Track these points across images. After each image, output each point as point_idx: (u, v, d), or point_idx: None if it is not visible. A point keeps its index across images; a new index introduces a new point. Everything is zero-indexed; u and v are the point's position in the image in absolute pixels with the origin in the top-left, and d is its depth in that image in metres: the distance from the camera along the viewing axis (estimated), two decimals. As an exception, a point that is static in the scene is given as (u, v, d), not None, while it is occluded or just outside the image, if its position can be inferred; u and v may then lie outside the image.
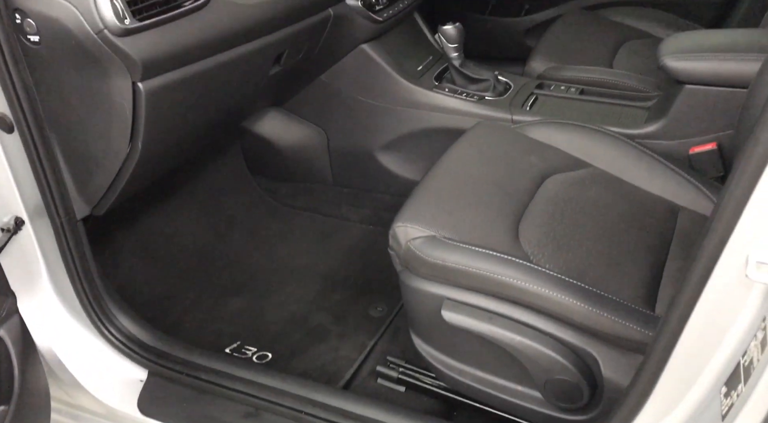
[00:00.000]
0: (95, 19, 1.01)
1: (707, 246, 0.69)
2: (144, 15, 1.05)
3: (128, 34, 1.03)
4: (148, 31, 1.06)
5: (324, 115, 1.79)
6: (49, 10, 1.02)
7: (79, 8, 1.00)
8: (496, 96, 1.65)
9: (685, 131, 1.43)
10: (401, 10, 1.69)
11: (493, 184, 1.28)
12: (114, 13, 1.01)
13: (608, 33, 1.94)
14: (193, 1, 1.12)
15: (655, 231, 1.25)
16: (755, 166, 0.63)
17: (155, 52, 1.08)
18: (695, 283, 0.72)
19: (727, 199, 0.68)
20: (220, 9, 1.17)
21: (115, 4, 1.01)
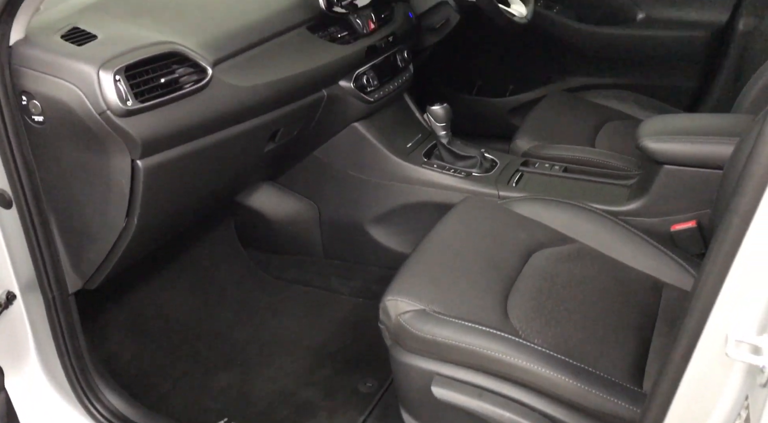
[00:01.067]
0: (99, 101, 1.05)
1: (688, 324, 0.72)
2: (146, 97, 1.10)
3: (130, 115, 1.08)
4: (149, 111, 1.10)
5: (316, 189, 1.83)
6: (54, 92, 1.07)
7: (83, 90, 1.05)
8: (482, 172, 1.71)
9: (666, 209, 1.48)
10: (391, 91, 1.76)
11: (482, 259, 1.31)
12: (117, 95, 1.05)
13: (590, 114, 2.02)
14: (193, 84, 1.18)
15: (640, 307, 1.27)
16: (729, 246, 0.66)
17: (155, 132, 1.12)
18: (678, 361, 0.74)
19: (705, 278, 0.70)
20: (218, 90, 1.23)
21: (119, 86, 1.06)
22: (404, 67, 1.84)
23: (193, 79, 1.18)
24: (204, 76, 1.19)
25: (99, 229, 1.21)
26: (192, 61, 1.18)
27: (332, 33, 1.59)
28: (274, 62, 1.39)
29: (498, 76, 2.48)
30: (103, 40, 1.11)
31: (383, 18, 1.75)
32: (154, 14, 1.27)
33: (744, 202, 0.65)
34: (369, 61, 1.68)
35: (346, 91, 1.63)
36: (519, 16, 1.88)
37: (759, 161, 0.65)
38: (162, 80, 1.12)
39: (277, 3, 1.49)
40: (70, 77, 1.06)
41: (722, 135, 1.38)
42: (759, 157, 0.65)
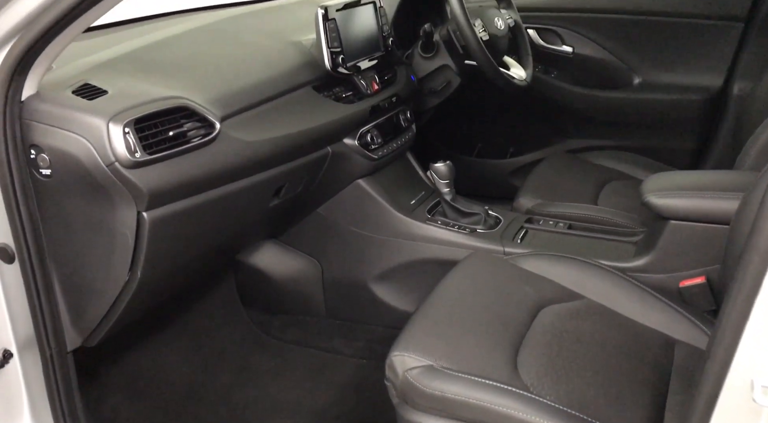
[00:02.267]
0: (108, 153, 1.06)
1: (710, 370, 0.69)
2: (154, 149, 1.10)
3: (138, 166, 1.08)
4: (157, 163, 1.11)
5: (319, 247, 1.82)
6: (64, 145, 1.07)
7: (93, 142, 1.06)
8: (487, 229, 1.70)
9: (674, 265, 1.47)
10: (395, 149, 1.78)
11: (490, 314, 1.29)
12: (126, 147, 1.06)
13: (591, 174, 2.04)
14: (201, 137, 1.19)
15: (652, 364, 1.24)
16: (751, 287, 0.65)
17: (162, 184, 1.12)
18: (702, 410, 0.71)
19: (725, 321, 0.69)
20: (225, 144, 1.24)
21: (128, 139, 1.06)
22: (407, 126, 1.87)
23: (201, 134, 1.19)
24: (212, 131, 1.20)
25: (102, 284, 1.19)
26: (200, 116, 1.19)
27: (337, 93, 1.63)
28: (280, 119, 1.41)
29: (498, 138, 2.52)
30: (113, 95, 1.13)
31: (386, 80, 1.79)
32: (163, 71, 1.29)
33: (763, 240, 0.64)
34: (373, 120, 1.71)
35: (351, 149, 1.64)
36: (519, 79, 1.92)
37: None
38: (171, 133, 1.13)
39: (283, 63, 1.52)
40: (80, 130, 1.07)
41: (727, 190, 1.38)
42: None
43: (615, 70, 2.30)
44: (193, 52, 1.42)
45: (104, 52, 1.29)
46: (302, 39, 1.65)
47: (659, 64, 2.25)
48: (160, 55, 1.36)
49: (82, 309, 1.21)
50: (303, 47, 1.62)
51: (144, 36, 1.44)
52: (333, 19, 1.58)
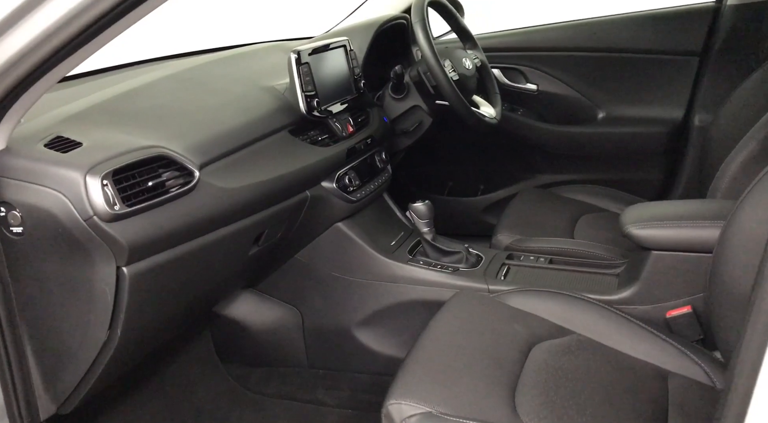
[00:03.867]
0: (85, 206, 1.01)
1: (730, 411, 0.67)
2: (133, 201, 1.06)
3: (117, 220, 1.03)
4: (137, 216, 1.06)
5: (298, 294, 1.78)
6: (37, 201, 1.02)
7: (69, 197, 1.01)
8: (469, 267, 1.69)
9: (659, 295, 1.47)
10: (372, 191, 1.77)
11: (483, 355, 1.27)
12: (105, 199, 1.01)
13: (565, 208, 2.06)
14: (180, 187, 1.15)
15: (649, 398, 1.23)
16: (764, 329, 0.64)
17: (142, 236, 1.07)
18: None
19: (743, 359, 0.67)
20: (205, 193, 1.20)
21: (106, 191, 1.02)
22: (383, 167, 1.86)
23: (180, 183, 1.15)
24: (191, 179, 1.17)
25: (78, 346, 1.12)
26: (179, 165, 1.16)
27: (313, 136, 1.61)
28: (258, 165, 1.38)
29: (468, 176, 2.53)
30: (88, 146, 1.08)
31: (360, 122, 1.79)
32: (137, 121, 1.26)
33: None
34: (350, 162, 1.69)
35: (329, 192, 1.62)
36: (489, 117, 1.94)
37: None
38: (150, 184, 1.09)
39: (258, 108, 1.50)
40: (55, 184, 1.02)
41: (706, 219, 1.40)
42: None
43: (579, 106, 2.36)
44: (166, 100, 1.39)
45: (74, 104, 1.25)
46: (275, 84, 1.64)
47: (621, 99, 2.31)
48: (132, 104, 1.33)
49: (56, 374, 1.14)
50: (276, 92, 1.60)
51: (113, 86, 1.40)
52: (306, 63, 1.57)
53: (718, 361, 1.35)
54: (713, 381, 1.30)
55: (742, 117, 1.90)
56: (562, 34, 2.36)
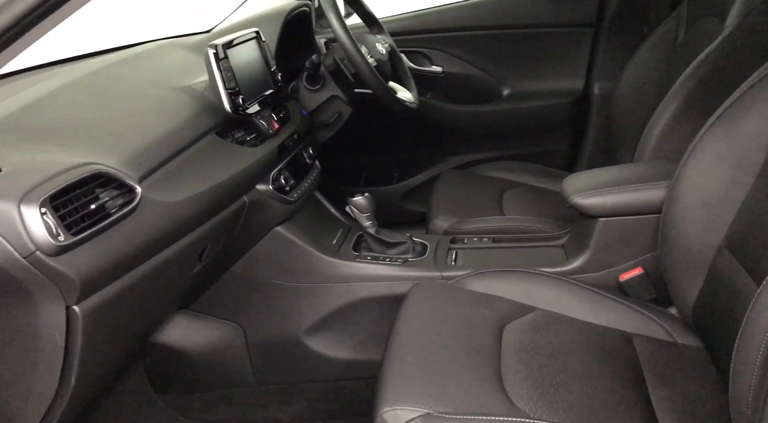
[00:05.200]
0: (25, 242, 0.84)
1: None
2: (77, 228, 0.91)
3: (63, 252, 0.88)
4: (84, 245, 0.91)
5: (238, 309, 1.65)
6: None
7: (3, 233, 0.84)
8: (417, 256, 1.65)
9: (610, 261, 1.51)
10: (308, 189, 1.67)
11: (460, 344, 1.24)
12: (47, 230, 0.85)
13: (488, 186, 2.07)
14: (120, 207, 1.00)
15: (623, 363, 1.26)
16: None
17: (93, 268, 0.92)
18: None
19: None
20: (149, 211, 1.06)
21: (47, 220, 0.86)
22: (312, 163, 1.77)
23: (120, 202, 1.01)
24: (133, 196, 1.02)
25: (21, 404, 0.95)
26: (118, 182, 1.01)
27: (240, 137, 1.49)
28: (194, 173, 1.25)
29: (382, 164, 2.49)
30: (10, 172, 0.91)
31: (281, 117, 1.68)
32: (53, 137, 1.08)
33: None
34: (282, 159, 1.59)
35: (266, 195, 1.51)
36: (409, 102, 1.90)
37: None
38: (92, 207, 0.94)
39: (181, 111, 1.36)
40: (-20, 221, 0.84)
41: (648, 181, 1.45)
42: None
43: (485, 84, 2.38)
44: (77, 112, 1.21)
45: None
46: (191, 83, 1.50)
47: (524, 74, 2.36)
48: (39, 119, 1.14)
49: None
50: (195, 92, 1.46)
51: (6, 100, 1.20)
52: (225, 58, 1.44)
53: (675, 317, 1.41)
54: (673, 336, 1.35)
55: (641, 82, 1.99)
56: (458, 14, 2.37)
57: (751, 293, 1.08)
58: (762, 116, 1.20)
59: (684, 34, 1.88)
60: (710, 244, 1.25)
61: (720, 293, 1.20)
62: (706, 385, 1.22)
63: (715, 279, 1.24)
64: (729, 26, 1.55)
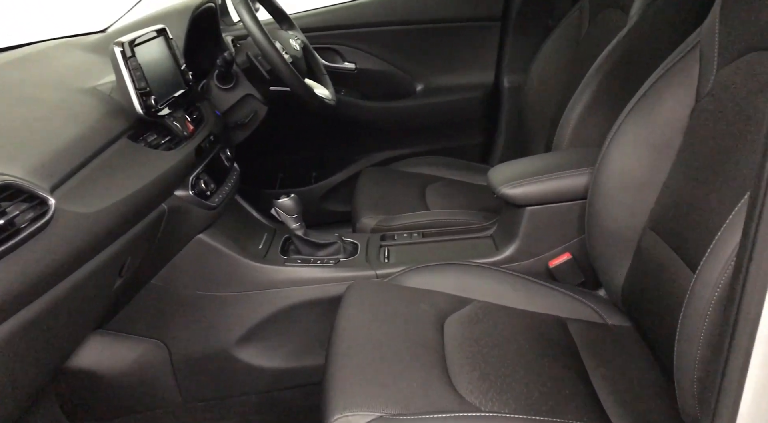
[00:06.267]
0: None
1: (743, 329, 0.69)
2: (-15, 248, 0.80)
3: (-30, 276, 0.77)
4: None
5: (160, 325, 1.54)
6: None
7: None
8: (348, 256, 1.61)
9: (539, 248, 1.53)
10: (228, 192, 1.59)
11: (403, 342, 1.22)
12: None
13: (410, 181, 2.06)
14: (31, 222, 0.90)
15: (561, 347, 1.28)
16: None
17: (6, 291, 0.82)
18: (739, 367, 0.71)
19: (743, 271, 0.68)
20: (64, 223, 0.96)
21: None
22: (231, 166, 1.68)
23: (31, 217, 0.90)
24: (44, 209, 0.92)
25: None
26: (27, 193, 0.90)
27: (153, 140, 1.39)
28: (109, 181, 1.14)
29: (299, 165, 2.43)
30: None
31: (195, 118, 1.58)
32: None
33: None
34: (200, 163, 1.50)
35: (186, 201, 1.41)
36: (327, 98, 1.85)
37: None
38: (1, 222, 0.83)
39: (88, 115, 1.25)
40: None
41: (571, 168, 1.48)
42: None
43: (398, 80, 2.37)
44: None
45: None
46: (95, 85, 1.38)
47: (436, 69, 2.37)
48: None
49: None
50: (101, 94, 1.35)
51: None
52: (133, 56, 1.34)
53: (604, 299, 1.45)
54: (603, 318, 1.39)
55: (548, 75, 2.05)
56: (368, 10, 2.34)
57: (679, 271, 1.12)
58: (677, 101, 1.25)
59: (588, 25, 1.95)
60: (635, 226, 1.29)
61: (648, 273, 1.25)
62: (637, 362, 1.27)
63: (642, 259, 1.28)
64: (634, 16, 1.61)
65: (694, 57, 1.24)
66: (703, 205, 1.09)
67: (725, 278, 0.88)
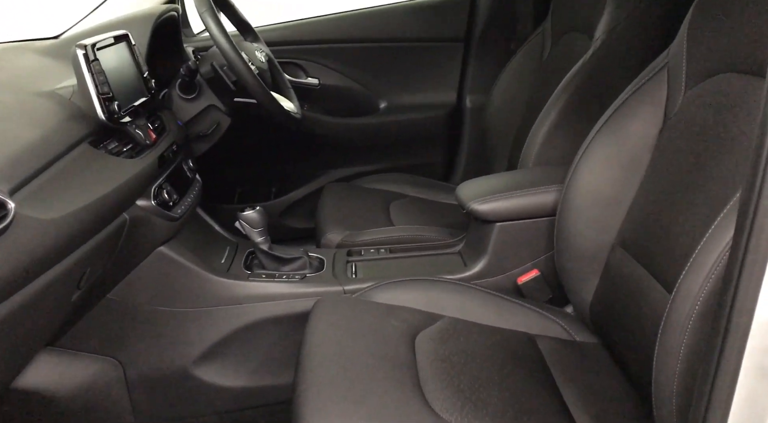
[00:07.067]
0: None
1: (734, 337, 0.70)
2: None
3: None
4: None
5: (115, 342, 1.46)
6: None
7: None
8: (314, 272, 1.57)
9: (507, 265, 1.53)
10: (191, 203, 1.53)
11: (375, 358, 1.19)
12: None
13: (374, 198, 2.04)
14: (-11, 226, 0.84)
15: (532, 364, 1.28)
16: None
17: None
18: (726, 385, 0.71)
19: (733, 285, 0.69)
20: (24, 229, 0.90)
21: None
22: (193, 177, 1.63)
23: (-12, 220, 0.84)
24: (4, 213, 0.86)
25: None
26: (-15, 195, 0.84)
27: (114, 148, 1.33)
28: (71, 187, 1.09)
29: (259, 180, 2.38)
30: None
31: (157, 127, 1.53)
32: None
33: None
34: (163, 172, 1.44)
35: (148, 211, 1.35)
36: (293, 111, 1.82)
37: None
38: (-43, 225, 0.77)
39: (48, 119, 1.19)
40: None
41: (540, 185, 1.49)
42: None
43: (362, 97, 2.36)
44: None
45: None
46: (54, 88, 1.32)
47: (400, 87, 2.38)
48: None
49: None
50: (60, 98, 1.29)
51: None
52: (96, 60, 1.29)
53: (571, 316, 1.45)
54: (572, 335, 1.40)
55: (511, 95, 2.08)
56: (334, 26, 2.34)
57: (650, 286, 1.13)
58: (645, 120, 1.28)
59: (550, 48, 1.99)
60: (604, 242, 1.31)
61: (617, 289, 1.26)
62: (606, 377, 1.27)
63: (611, 276, 1.29)
64: (598, 39, 1.65)
65: (662, 78, 1.27)
66: (673, 222, 1.11)
67: (705, 292, 0.89)
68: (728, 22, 1.09)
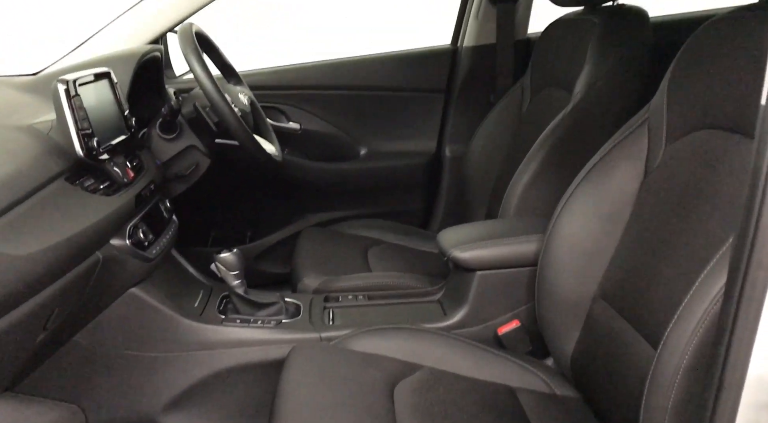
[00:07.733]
0: None
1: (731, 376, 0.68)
2: None
3: None
4: None
5: (78, 387, 1.40)
6: None
7: None
8: (290, 318, 1.53)
9: (488, 314, 1.51)
10: (166, 244, 1.49)
11: (352, 408, 1.16)
12: None
13: (352, 243, 2.02)
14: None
15: (513, 418, 1.25)
16: None
17: None
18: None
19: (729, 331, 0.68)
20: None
21: None
22: (170, 217, 1.60)
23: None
24: (-27, 247, 0.82)
25: None
26: (-46, 228, 0.81)
27: (90, 185, 1.30)
28: (44, 223, 1.05)
29: (234, 223, 2.35)
30: None
31: (135, 166, 1.51)
32: None
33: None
34: (139, 211, 1.41)
35: (122, 250, 1.31)
36: (274, 154, 1.81)
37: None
38: None
39: (23, 153, 1.15)
40: None
41: (522, 235, 1.49)
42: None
43: (342, 143, 2.37)
44: None
45: None
46: (31, 122, 1.29)
47: (380, 135, 2.39)
48: None
49: None
50: (37, 132, 1.26)
51: None
52: (78, 96, 1.27)
53: (552, 369, 1.43)
54: (552, 388, 1.37)
55: (491, 147, 2.11)
56: (317, 73, 2.35)
57: (633, 340, 1.12)
58: (626, 174, 1.30)
59: (529, 102, 2.02)
60: (585, 294, 1.30)
61: (599, 342, 1.24)
62: (587, 433, 1.25)
63: (592, 328, 1.28)
64: (578, 94, 1.69)
65: (643, 132, 1.29)
66: (657, 275, 1.11)
67: (693, 346, 0.88)
68: (708, 79, 1.12)
